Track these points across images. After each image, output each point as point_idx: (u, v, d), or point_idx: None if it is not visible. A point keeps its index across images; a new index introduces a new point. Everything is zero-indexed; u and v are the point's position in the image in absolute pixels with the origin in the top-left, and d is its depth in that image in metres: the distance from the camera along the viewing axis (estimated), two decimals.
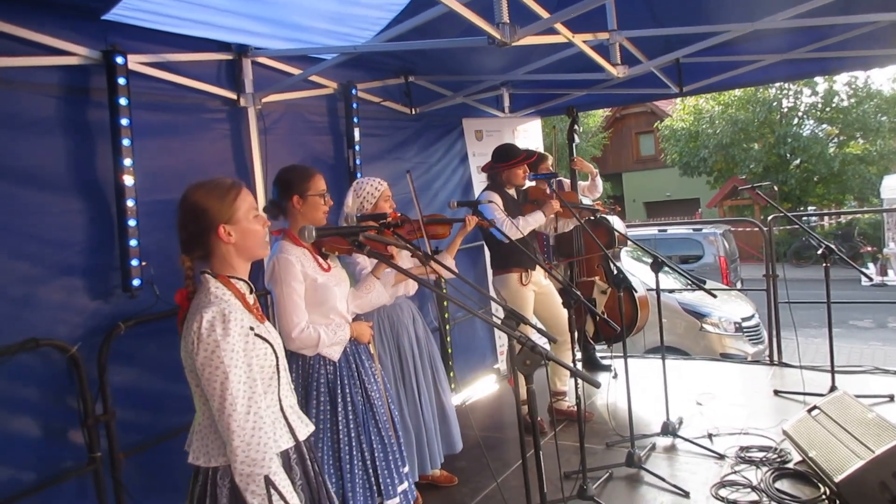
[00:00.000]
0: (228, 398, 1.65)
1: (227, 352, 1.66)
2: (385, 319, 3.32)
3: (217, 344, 1.65)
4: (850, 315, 11.51)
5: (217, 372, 1.66)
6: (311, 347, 2.59)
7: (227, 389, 1.65)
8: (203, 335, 1.66)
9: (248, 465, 1.66)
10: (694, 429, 4.07)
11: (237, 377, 1.67)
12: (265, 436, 1.69)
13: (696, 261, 11.51)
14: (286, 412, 1.87)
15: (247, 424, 1.67)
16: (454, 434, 3.54)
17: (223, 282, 1.80)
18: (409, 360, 3.35)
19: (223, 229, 1.79)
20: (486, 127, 5.60)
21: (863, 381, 4.69)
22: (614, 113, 25.35)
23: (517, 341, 1.81)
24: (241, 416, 1.66)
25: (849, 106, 19.15)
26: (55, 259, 2.58)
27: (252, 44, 3.37)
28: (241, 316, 1.73)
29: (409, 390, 3.33)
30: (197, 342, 1.67)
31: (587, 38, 3.58)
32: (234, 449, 1.66)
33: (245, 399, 1.68)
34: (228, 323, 1.68)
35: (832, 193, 20.14)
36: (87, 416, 2.57)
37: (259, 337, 1.77)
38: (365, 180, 3.33)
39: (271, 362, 1.81)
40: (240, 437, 1.66)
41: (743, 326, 7.12)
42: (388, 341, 3.31)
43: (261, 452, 1.67)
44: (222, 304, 1.71)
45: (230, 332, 1.67)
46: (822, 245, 4.19)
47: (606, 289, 4.99)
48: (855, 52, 4.54)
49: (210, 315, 1.68)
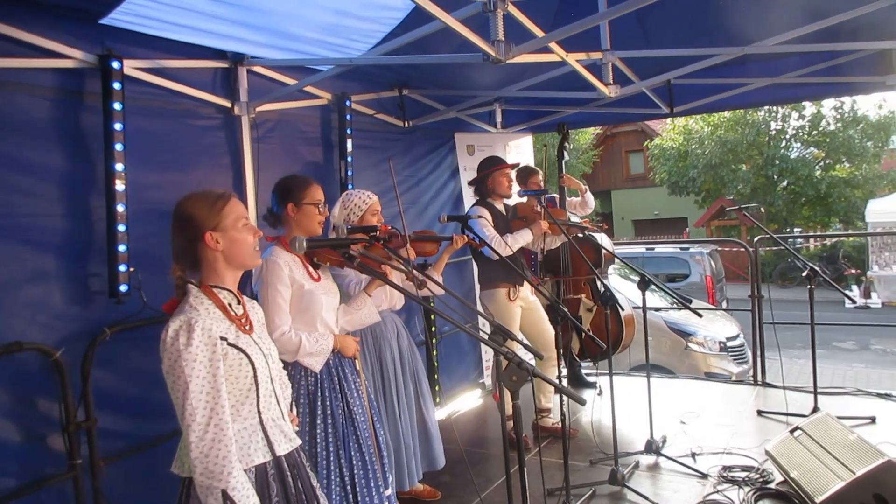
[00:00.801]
0: (188, 409, 1.64)
1: (187, 361, 1.65)
2: (368, 333, 3.30)
3: (179, 353, 1.65)
4: (833, 337, 11.62)
5: (178, 381, 1.65)
6: (291, 353, 2.56)
7: (187, 400, 1.64)
8: (167, 345, 1.67)
9: (207, 478, 1.64)
10: (677, 447, 4.08)
11: (198, 387, 1.65)
12: (225, 448, 1.66)
13: (683, 279, 11.59)
14: (266, 425, 1.84)
15: (206, 436, 1.65)
16: (436, 450, 3.51)
17: (205, 291, 1.80)
18: (391, 375, 3.32)
19: (210, 236, 1.79)
20: (478, 142, 5.64)
21: (845, 403, 4.73)
22: (605, 131, 25.54)
23: (504, 357, 1.81)
24: (200, 427, 1.64)
25: (835, 130, 19.45)
26: (42, 262, 2.56)
27: (248, 52, 3.38)
28: (212, 325, 1.72)
29: (388, 405, 3.30)
30: (162, 351, 1.68)
31: (580, 57, 3.62)
32: (193, 460, 1.65)
33: (206, 410, 1.65)
34: (192, 332, 1.67)
35: (818, 216, 20.38)
36: (69, 423, 2.54)
37: (234, 347, 1.76)
38: (354, 192, 3.33)
39: (247, 373, 1.79)
40: (198, 448, 1.64)
41: (728, 346, 7.17)
42: (370, 355, 3.29)
43: (219, 465, 1.64)
44: (191, 314, 1.71)
45: (193, 342, 1.66)
46: (806, 267, 4.24)
47: (593, 306, 5.02)
48: (841, 79, 4.62)
49: (176, 324, 1.68)
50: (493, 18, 2.60)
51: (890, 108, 18.63)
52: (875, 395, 4.88)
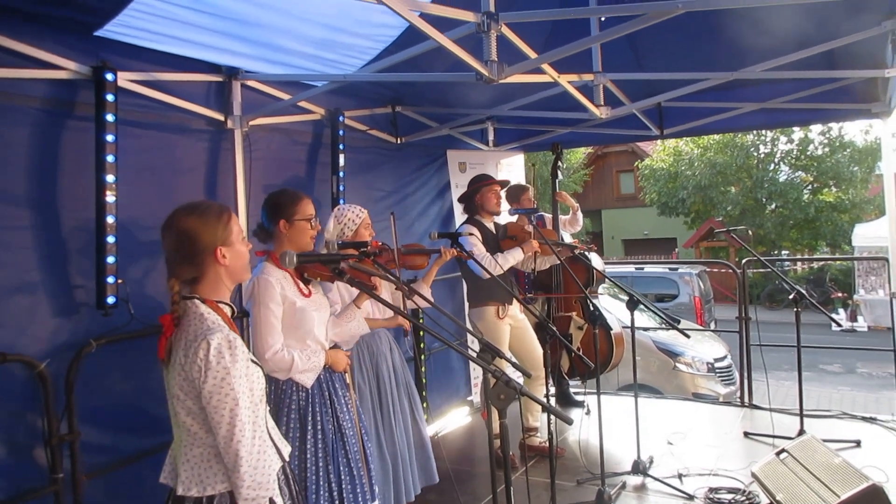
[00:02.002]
0: (238, 425, 1.66)
1: (236, 378, 1.66)
2: (364, 348, 3.30)
3: (227, 371, 1.65)
4: (819, 359, 11.68)
5: (227, 399, 1.65)
6: (284, 371, 2.56)
7: (237, 416, 1.66)
8: (212, 362, 1.65)
9: (255, 489, 1.68)
10: (664, 468, 4.08)
11: (244, 403, 1.68)
12: (269, 459, 1.73)
13: (672, 300, 11.64)
14: (270, 433, 1.88)
15: (253, 450, 1.69)
16: (431, 464, 3.50)
17: (213, 307, 1.79)
18: (388, 389, 3.33)
19: (220, 251, 1.79)
20: (470, 159, 5.67)
21: (831, 426, 4.75)
22: (596, 150, 25.74)
23: (492, 375, 1.81)
24: (248, 441, 1.68)
25: (823, 155, 19.72)
26: (29, 272, 2.54)
27: (242, 66, 3.40)
28: (243, 342, 1.75)
29: (386, 419, 3.30)
30: (205, 370, 1.65)
31: (572, 78, 3.67)
32: (242, 475, 1.66)
33: (251, 425, 1.70)
34: (236, 350, 1.68)
35: (806, 239, 20.58)
36: (52, 435, 2.51)
37: (253, 362, 1.79)
38: (346, 207, 3.34)
39: (262, 386, 1.82)
40: (248, 462, 1.67)
41: (715, 367, 7.19)
42: (367, 370, 3.29)
43: (266, 475, 1.70)
44: (225, 331, 1.71)
45: (238, 359, 1.68)
46: (794, 290, 4.27)
47: (583, 324, 5.02)
48: (828, 105, 4.70)
49: (217, 341, 1.67)
50: (486, 39, 2.64)
51: (876, 135, 18.89)
52: (860, 418, 4.90)
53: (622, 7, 3.18)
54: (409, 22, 2.41)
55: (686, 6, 2.42)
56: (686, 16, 2.55)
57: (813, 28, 3.53)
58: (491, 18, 2.58)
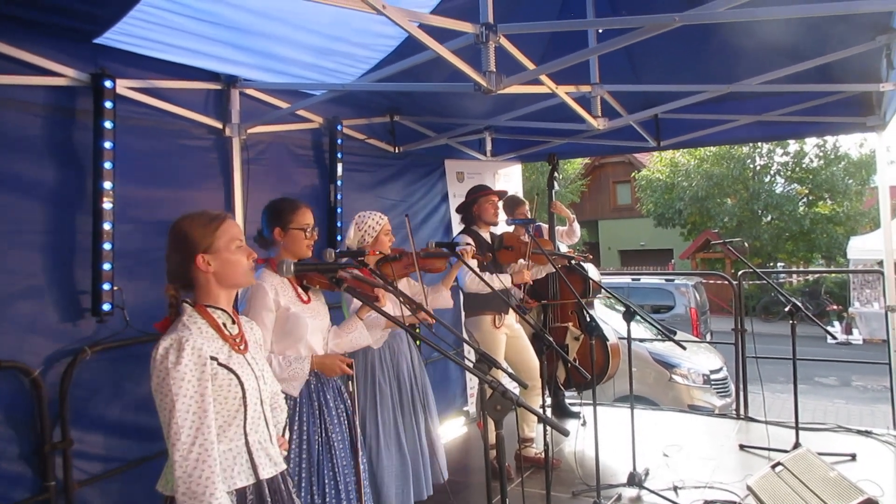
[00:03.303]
0: (174, 427, 1.64)
1: (175, 380, 1.65)
2: (386, 348, 3.34)
3: (167, 372, 1.65)
4: (815, 372, 11.68)
5: (165, 400, 1.65)
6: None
7: (173, 418, 1.64)
8: (157, 363, 1.68)
9: (189, 498, 1.63)
10: (660, 480, 4.06)
11: (184, 406, 1.65)
12: (209, 469, 1.65)
13: (668, 311, 11.64)
14: (252, 448, 1.82)
15: (190, 456, 1.64)
16: (441, 463, 3.52)
17: (199, 311, 1.80)
18: (408, 388, 3.36)
19: (201, 258, 1.79)
20: (468, 169, 5.68)
21: (826, 439, 4.74)
22: (593, 161, 25.81)
23: (488, 385, 1.81)
24: (185, 446, 1.64)
25: (818, 167, 19.82)
26: (24, 279, 2.53)
27: (240, 74, 3.41)
28: (203, 345, 1.72)
29: (407, 418, 3.33)
30: (151, 369, 1.68)
31: (570, 89, 3.69)
32: (177, 480, 1.63)
33: (191, 430, 1.65)
34: (182, 351, 1.68)
35: (801, 251, 20.64)
36: (44, 443, 2.49)
37: (224, 367, 1.76)
38: (367, 214, 3.37)
39: (236, 394, 1.78)
40: (182, 468, 1.63)
41: (711, 379, 7.19)
42: (388, 370, 3.31)
43: (202, 486, 1.63)
44: (183, 333, 1.71)
45: (182, 361, 1.67)
46: (789, 302, 4.28)
47: (580, 335, 5.02)
48: (824, 118, 4.73)
49: (167, 343, 1.69)
50: (485, 50, 2.65)
51: (870, 147, 19.00)
52: (855, 431, 4.89)
53: (620, 20, 3.20)
54: (408, 32, 2.42)
55: (683, 19, 2.44)
56: (683, 29, 2.57)
57: (808, 42, 3.56)
58: (489, 30, 2.59)
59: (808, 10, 2.70)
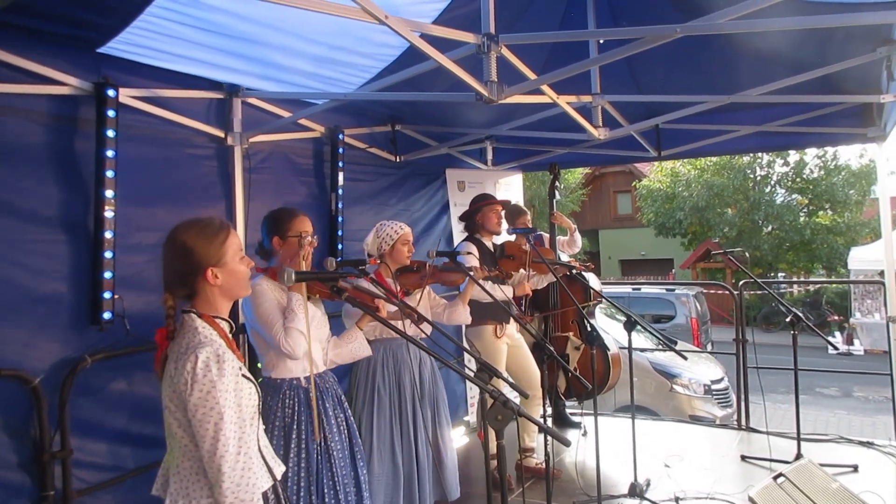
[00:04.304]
0: (222, 439, 1.65)
1: (222, 392, 1.66)
2: (390, 356, 3.31)
3: (213, 384, 1.65)
4: (816, 382, 11.65)
5: (212, 413, 1.65)
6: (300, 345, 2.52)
7: (221, 430, 1.65)
8: (199, 375, 1.65)
9: None
10: (661, 491, 4.04)
11: (230, 418, 1.67)
12: (254, 476, 1.71)
13: (669, 321, 11.62)
14: (263, 451, 1.86)
15: (237, 465, 1.67)
16: (449, 480, 3.46)
17: (209, 322, 1.80)
18: (408, 400, 3.31)
19: (211, 272, 1.79)
20: (469, 178, 5.69)
21: (828, 450, 4.72)
22: (594, 171, 25.89)
23: (490, 395, 1.80)
24: (232, 457, 1.66)
25: (818, 178, 19.84)
26: (26, 286, 2.53)
27: (242, 83, 3.42)
28: (233, 357, 1.74)
29: (405, 428, 3.28)
30: (191, 382, 1.65)
31: (571, 99, 3.70)
32: (224, 491, 1.65)
33: (236, 440, 1.68)
34: (223, 363, 1.68)
35: (802, 261, 20.63)
36: (44, 452, 2.48)
37: (245, 377, 1.78)
38: (387, 222, 3.40)
39: (254, 402, 1.81)
40: (230, 478, 1.65)
41: (712, 389, 7.16)
42: (389, 377, 3.29)
43: (249, 493, 1.68)
44: (215, 345, 1.72)
45: (225, 373, 1.67)
46: (790, 312, 4.27)
47: (580, 345, 5.01)
48: (824, 129, 4.74)
49: (205, 355, 1.67)
50: (486, 60, 2.67)
51: (870, 158, 19.03)
52: (857, 442, 4.87)
53: (621, 31, 3.22)
54: (409, 42, 2.43)
55: (684, 31, 2.45)
56: (684, 39, 2.58)
57: (809, 53, 3.58)
58: (491, 40, 2.60)
59: (807, 22, 2.72)
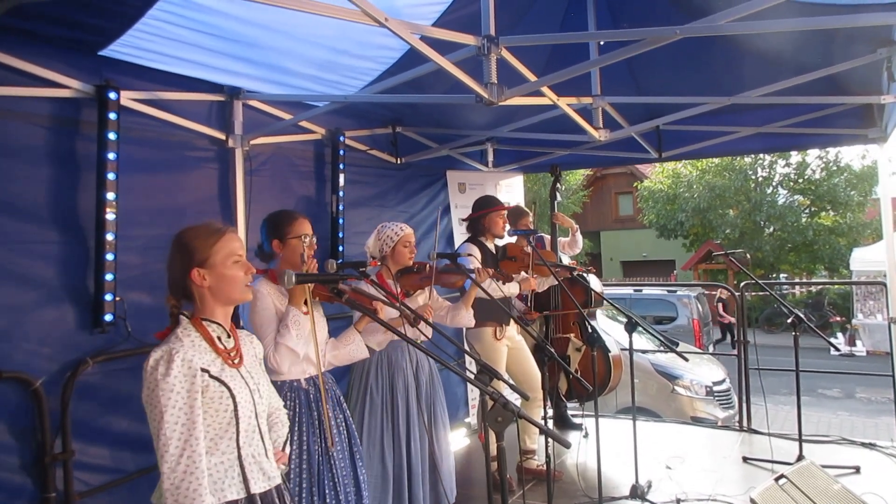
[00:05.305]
0: (162, 438, 1.65)
1: (164, 391, 1.66)
2: (384, 359, 3.30)
3: (157, 382, 1.67)
4: (818, 384, 11.63)
5: (155, 411, 1.66)
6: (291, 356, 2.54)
7: (161, 430, 1.65)
8: (147, 374, 1.69)
9: None
10: (662, 493, 4.04)
11: (172, 418, 1.65)
12: (196, 482, 1.66)
13: (670, 322, 11.63)
14: (244, 461, 1.82)
15: (178, 468, 1.65)
16: (445, 485, 3.42)
17: (194, 324, 1.81)
18: (402, 404, 3.28)
19: (196, 272, 1.80)
20: (470, 180, 5.69)
21: (830, 451, 4.71)
22: (595, 172, 25.85)
23: (490, 397, 1.80)
24: (172, 458, 1.65)
25: (820, 178, 19.83)
26: (27, 289, 2.54)
27: (244, 86, 3.42)
28: (193, 357, 1.73)
29: (396, 433, 3.26)
30: (143, 381, 1.70)
31: (571, 101, 3.70)
32: (164, 492, 1.64)
33: (179, 441, 1.66)
34: (172, 363, 1.68)
35: (804, 262, 20.62)
36: (45, 454, 2.49)
37: (216, 379, 1.76)
38: (388, 224, 3.39)
39: (227, 407, 1.77)
40: (169, 479, 1.64)
41: (714, 390, 7.16)
42: (382, 379, 3.28)
43: (189, 498, 1.64)
44: (174, 344, 1.72)
45: (171, 372, 1.67)
46: (792, 313, 4.26)
47: (581, 346, 5.00)
48: (826, 130, 4.73)
49: (157, 355, 1.70)
50: (486, 62, 2.67)
51: (872, 159, 19.01)
52: (860, 444, 4.86)
53: (621, 32, 3.22)
54: (410, 44, 2.43)
55: (684, 32, 2.45)
56: (684, 41, 2.58)
57: (809, 54, 3.58)
58: (491, 42, 2.61)
59: (807, 24, 2.72)
